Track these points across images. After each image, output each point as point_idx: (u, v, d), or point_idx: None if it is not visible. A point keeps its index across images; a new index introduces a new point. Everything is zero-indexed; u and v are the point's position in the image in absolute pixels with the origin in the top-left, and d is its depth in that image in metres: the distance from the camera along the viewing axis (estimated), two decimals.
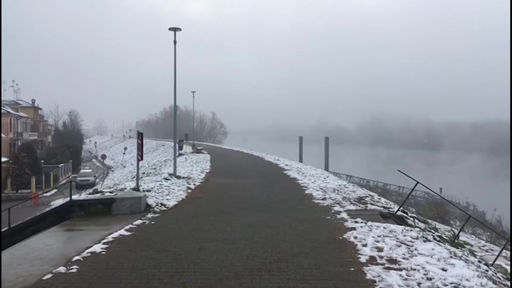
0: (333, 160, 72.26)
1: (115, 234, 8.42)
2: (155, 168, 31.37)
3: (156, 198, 12.64)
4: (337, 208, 11.62)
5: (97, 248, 7.46)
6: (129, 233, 8.55)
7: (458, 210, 50.29)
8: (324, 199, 13.19)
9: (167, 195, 13.39)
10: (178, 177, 18.14)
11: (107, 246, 7.63)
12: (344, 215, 10.63)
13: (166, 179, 17.01)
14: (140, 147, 13.28)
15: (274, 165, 27.06)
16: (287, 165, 26.24)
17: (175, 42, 18.75)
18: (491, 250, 21.94)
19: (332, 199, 13.03)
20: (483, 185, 72.54)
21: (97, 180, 54.56)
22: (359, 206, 12.18)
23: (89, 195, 10.98)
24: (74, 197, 10.58)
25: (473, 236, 29.98)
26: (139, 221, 9.67)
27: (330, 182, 17.40)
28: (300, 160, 56.48)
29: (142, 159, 13.82)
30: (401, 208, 13.15)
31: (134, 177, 34.33)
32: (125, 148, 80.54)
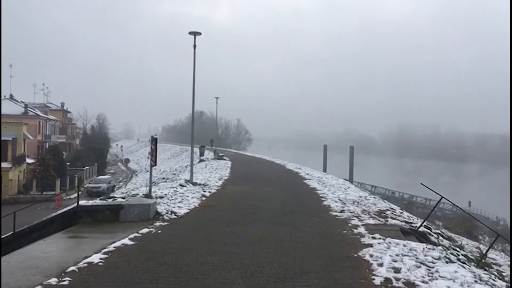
0: (358, 170, 71.08)
1: (118, 243, 8.06)
2: (175, 174, 31.21)
3: (168, 205, 12.29)
4: (355, 221, 11.01)
5: (96, 258, 7.10)
6: (132, 243, 8.18)
7: (488, 225, 48.36)
8: (342, 211, 12.58)
9: (179, 202, 13.03)
10: (194, 184, 17.80)
11: (106, 256, 7.27)
12: (361, 229, 10.01)
13: (181, 185, 16.69)
14: (153, 153, 12.99)
15: (294, 173, 26.49)
16: (308, 174, 25.63)
17: (194, 46, 18.52)
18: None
19: (351, 212, 12.41)
20: None
21: (116, 186, 54.52)
22: (378, 220, 11.53)
23: (98, 201, 10.72)
24: (82, 202, 10.33)
25: (502, 253, 28.63)
26: (145, 230, 9.31)
27: (350, 193, 16.73)
28: (324, 169, 55.66)
29: (155, 164, 13.53)
30: (425, 223, 12.42)
31: (155, 182, 34.29)
32: (149, 153, 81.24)
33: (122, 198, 12.61)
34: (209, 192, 16.12)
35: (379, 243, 8.61)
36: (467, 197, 67.65)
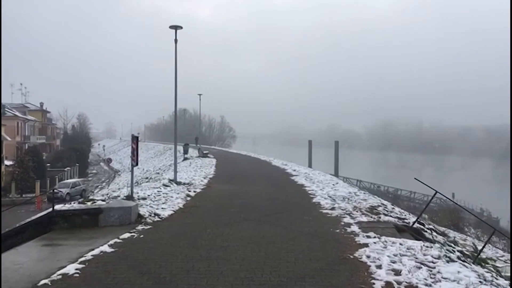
0: (343, 165, 71.03)
1: (96, 251, 7.46)
2: (159, 173, 30.48)
3: (151, 207, 11.69)
4: (347, 219, 10.57)
5: (71, 268, 6.50)
6: (112, 250, 7.58)
7: (472, 217, 48.76)
8: (333, 208, 12.14)
9: (163, 203, 12.43)
10: (179, 183, 17.19)
11: (83, 266, 6.67)
12: (355, 228, 9.57)
13: (165, 185, 16.06)
14: (134, 152, 12.36)
15: (281, 170, 26.04)
16: (294, 170, 25.20)
17: (175, 41, 17.84)
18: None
19: (342, 209, 11.98)
20: (496, 191, 70.46)
21: (96, 187, 53.08)
22: (371, 217, 11.11)
23: (75, 204, 10.06)
24: (57, 207, 9.67)
25: (489, 245, 28.63)
26: (126, 235, 8.71)
27: (339, 189, 16.32)
28: (310, 165, 55.38)
29: (137, 164, 12.89)
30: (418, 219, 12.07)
31: (138, 181, 33.47)
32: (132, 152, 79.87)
33: (102, 200, 11.96)
34: (194, 191, 15.53)
35: (374, 243, 8.17)
36: (450, 189, 68.10)
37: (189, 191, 15.48)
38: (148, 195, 13.56)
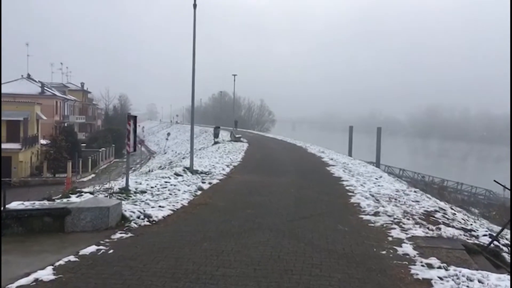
0: (385, 152, 67.19)
1: (31, 277, 5.18)
2: (184, 158, 28.42)
3: (147, 204, 9.39)
4: (396, 232, 7.87)
5: None
6: (53, 277, 5.26)
7: None
8: (376, 213, 9.45)
9: (164, 199, 10.11)
10: (194, 172, 14.88)
11: None
12: (408, 248, 6.88)
13: (177, 174, 13.78)
14: (129, 136, 10.05)
15: (316, 158, 23.32)
16: (332, 159, 22.42)
17: (195, 6, 15.35)
18: None
19: (388, 215, 9.26)
20: None
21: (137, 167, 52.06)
22: (428, 228, 8.35)
23: (37, 202, 7.86)
24: (12, 204, 7.50)
25: None
26: (91, 248, 6.40)
27: (384, 186, 13.53)
28: (349, 153, 52.13)
29: (134, 150, 10.62)
30: (489, 233, 9.20)
31: (168, 163, 31.58)
32: (168, 134, 78.93)
33: (91, 193, 9.79)
34: (209, 183, 13.15)
35: (440, 278, 5.52)
36: (500, 180, 62.94)
37: (204, 182, 13.11)
38: (151, 188, 11.29)
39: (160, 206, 9.31)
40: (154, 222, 8.19)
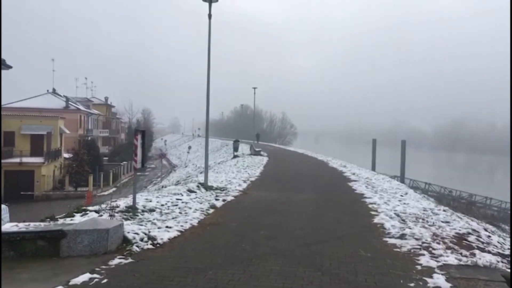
0: (409, 165, 65.48)
1: None
2: (201, 172, 27.89)
3: (153, 224, 8.79)
4: (426, 259, 7.03)
5: None
6: None
7: None
8: (402, 236, 8.61)
9: (173, 219, 9.49)
10: (209, 188, 14.27)
11: None
12: (440, 279, 6.05)
13: (190, 191, 13.18)
14: (136, 150, 9.51)
15: (338, 173, 22.45)
16: (354, 173, 21.52)
17: (209, 16, 14.88)
18: None
19: (416, 238, 8.41)
20: None
21: (153, 181, 51.86)
22: (461, 254, 7.48)
23: (31, 224, 7.33)
24: (5, 227, 6.98)
25: None
26: (85, 276, 5.79)
27: (410, 204, 12.62)
28: (373, 168, 50.86)
29: (142, 166, 10.07)
30: None
31: (186, 177, 31.11)
32: (189, 147, 78.96)
33: (96, 212, 9.26)
34: (223, 200, 12.51)
35: None
36: None
37: (217, 199, 12.48)
38: (161, 206, 10.72)
39: (167, 227, 8.69)
40: (158, 245, 7.56)
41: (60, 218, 8.82)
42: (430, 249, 7.67)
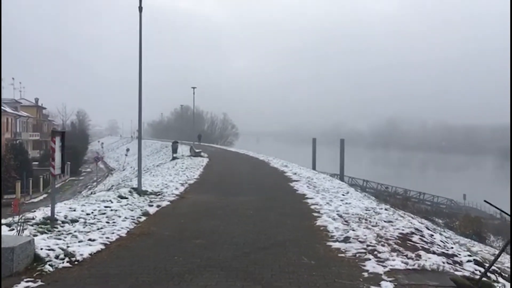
0: (348, 164, 67.04)
1: None
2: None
3: (74, 236, 7.77)
4: (371, 264, 6.60)
5: None
6: None
7: (491, 223, 44.41)
8: (346, 239, 8.17)
9: (98, 230, 8.49)
10: (143, 193, 13.26)
11: None
12: (388, 287, 5.61)
13: (121, 197, 12.12)
14: (53, 154, 8.43)
15: (279, 173, 22.05)
16: (295, 173, 21.20)
17: (140, 9, 13.85)
18: None
19: (360, 241, 8.00)
20: (507, 191, 65.28)
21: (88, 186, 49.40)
22: (407, 256, 7.15)
23: None
24: None
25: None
26: None
27: (352, 203, 12.34)
28: (314, 167, 51.39)
29: (62, 171, 8.98)
30: (474, 258, 8.11)
31: (123, 181, 29.52)
32: (128, 150, 76.07)
33: (8, 225, 8.07)
34: (158, 206, 11.58)
35: None
36: (458, 188, 63.64)
37: (151, 205, 11.54)
38: (87, 214, 9.65)
39: (90, 240, 7.70)
40: (77, 262, 6.59)
41: None
42: (376, 252, 7.27)
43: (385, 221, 9.91)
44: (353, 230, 8.86)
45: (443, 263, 7.00)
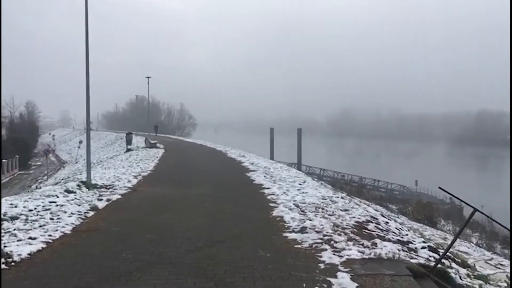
0: (305, 152, 67.79)
1: None
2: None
3: (13, 235, 7.20)
4: (328, 254, 6.47)
5: None
6: None
7: (442, 208, 46.07)
8: (303, 229, 8.02)
9: (40, 227, 7.92)
10: (93, 187, 12.64)
11: None
12: (345, 279, 5.47)
13: (68, 191, 11.48)
14: None
15: (236, 163, 21.79)
16: (252, 163, 21.02)
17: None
18: (501, 265, 17.41)
19: (317, 231, 7.87)
20: (456, 177, 68.14)
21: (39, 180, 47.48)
22: (363, 245, 7.07)
23: None
24: None
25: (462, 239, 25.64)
26: None
27: (309, 192, 12.25)
28: (271, 156, 51.50)
29: None
30: (429, 243, 8.18)
31: (74, 174, 28.40)
32: (80, 142, 73.51)
33: None
34: (108, 200, 11.03)
35: None
36: (410, 174, 65.75)
37: (100, 199, 10.98)
38: (29, 211, 9.03)
39: (30, 238, 7.16)
40: (14, 263, 6.07)
41: None
42: (332, 242, 7.15)
43: (341, 210, 9.86)
44: (310, 220, 8.73)
45: (399, 250, 6.97)
